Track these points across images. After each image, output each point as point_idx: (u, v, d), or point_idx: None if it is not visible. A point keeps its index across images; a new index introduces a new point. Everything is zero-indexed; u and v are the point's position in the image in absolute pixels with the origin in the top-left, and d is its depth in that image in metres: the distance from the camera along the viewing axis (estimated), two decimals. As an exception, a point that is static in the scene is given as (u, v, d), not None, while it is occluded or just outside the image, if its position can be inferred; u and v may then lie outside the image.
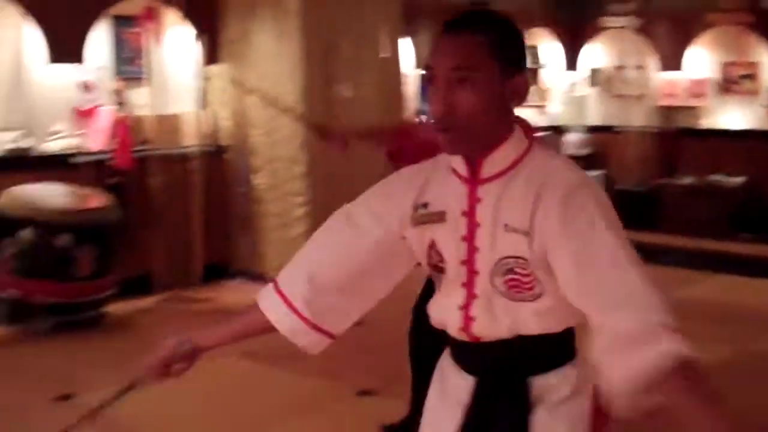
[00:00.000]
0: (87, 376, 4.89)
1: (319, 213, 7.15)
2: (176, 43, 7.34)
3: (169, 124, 7.21)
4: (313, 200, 7.17)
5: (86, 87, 6.85)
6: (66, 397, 4.66)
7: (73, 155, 6.54)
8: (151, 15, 6.94)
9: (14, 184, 5.93)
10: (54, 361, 5.35)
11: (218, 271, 7.49)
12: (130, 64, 7.12)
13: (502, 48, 1.73)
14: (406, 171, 1.94)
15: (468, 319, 1.82)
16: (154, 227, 7.02)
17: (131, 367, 1.96)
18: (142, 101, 7.07)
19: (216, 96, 7.59)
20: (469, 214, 1.78)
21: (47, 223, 5.79)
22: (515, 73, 1.74)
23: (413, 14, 8.38)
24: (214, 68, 7.53)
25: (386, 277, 1.94)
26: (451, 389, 1.91)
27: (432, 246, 1.84)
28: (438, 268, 1.85)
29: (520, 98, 1.76)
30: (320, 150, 7.16)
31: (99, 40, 6.94)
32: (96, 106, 6.87)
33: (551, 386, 1.82)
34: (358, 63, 7.60)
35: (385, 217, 1.88)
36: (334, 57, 7.43)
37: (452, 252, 1.81)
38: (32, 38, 6.53)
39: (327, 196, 7.28)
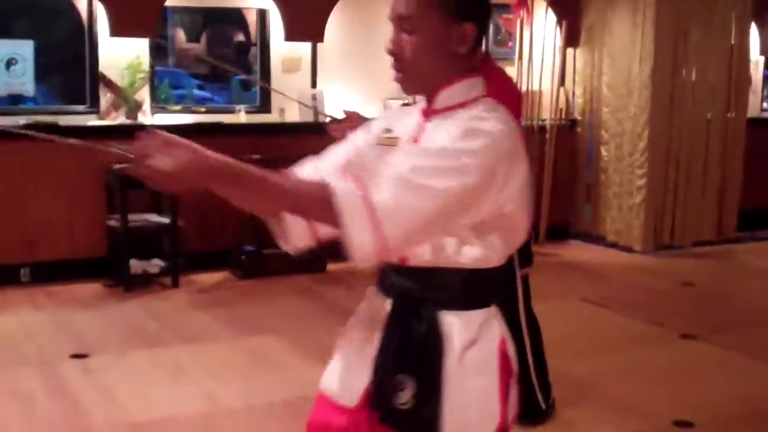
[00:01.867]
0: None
1: (656, 185, 7.85)
2: (541, 27, 8.16)
3: (532, 98, 8.07)
4: (652, 173, 7.77)
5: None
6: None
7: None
8: (523, 3, 7.90)
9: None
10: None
11: (560, 231, 8.33)
12: (502, 45, 8.23)
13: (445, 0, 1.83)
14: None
15: None
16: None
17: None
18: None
19: (572, 76, 8.47)
20: (416, 140, 1.89)
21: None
22: (462, 21, 1.83)
23: (762, 2, 8.58)
24: (573, 51, 8.38)
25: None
26: (373, 310, 1.98)
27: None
28: None
29: (467, 45, 1.85)
30: (662, 128, 7.84)
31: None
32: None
33: (460, 325, 1.86)
34: (706, 49, 8.08)
35: (361, 136, 2.05)
36: (684, 43, 7.96)
37: None
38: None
39: (665, 169, 7.94)
